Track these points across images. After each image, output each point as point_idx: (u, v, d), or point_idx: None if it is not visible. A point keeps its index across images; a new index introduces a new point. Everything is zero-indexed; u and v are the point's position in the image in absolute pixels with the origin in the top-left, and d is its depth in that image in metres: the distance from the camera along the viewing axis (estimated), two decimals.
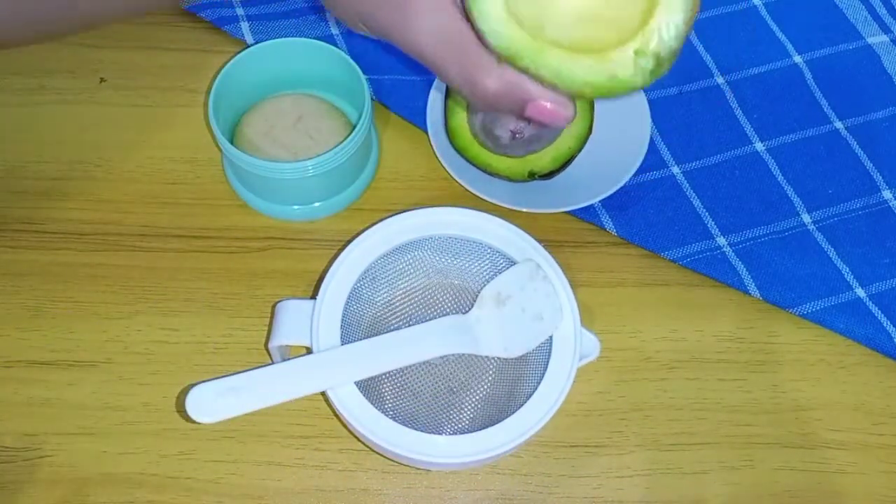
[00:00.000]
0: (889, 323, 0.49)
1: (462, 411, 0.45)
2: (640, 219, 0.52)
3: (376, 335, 0.41)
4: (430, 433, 0.39)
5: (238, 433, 0.45)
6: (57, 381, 0.46)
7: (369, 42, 0.56)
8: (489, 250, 0.45)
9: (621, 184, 0.50)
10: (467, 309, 0.43)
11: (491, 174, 0.51)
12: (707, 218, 0.52)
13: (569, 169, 0.50)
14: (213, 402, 0.37)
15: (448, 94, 0.50)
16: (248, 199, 0.51)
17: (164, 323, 0.48)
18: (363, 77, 0.49)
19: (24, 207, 0.51)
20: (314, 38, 0.52)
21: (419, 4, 0.33)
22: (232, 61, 0.50)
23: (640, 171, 0.52)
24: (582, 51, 0.33)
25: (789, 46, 0.59)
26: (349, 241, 0.43)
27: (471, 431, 0.39)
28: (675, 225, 0.52)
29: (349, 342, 0.41)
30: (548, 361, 0.41)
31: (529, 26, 0.33)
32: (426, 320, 0.44)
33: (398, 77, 0.56)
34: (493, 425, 0.39)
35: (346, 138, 0.48)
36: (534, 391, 0.40)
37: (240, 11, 0.58)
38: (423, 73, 0.55)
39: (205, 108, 0.55)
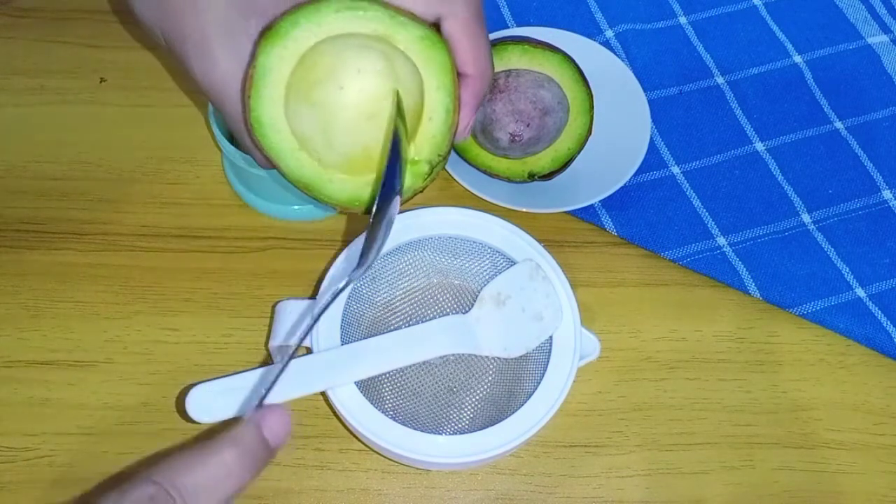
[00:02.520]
0: (889, 323, 0.49)
1: (462, 411, 0.45)
2: (640, 219, 0.52)
3: (376, 335, 0.41)
4: (430, 433, 0.39)
5: None
6: (57, 381, 0.46)
7: None
8: (489, 250, 0.45)
9: (621, 184, 0.50)
10: (467, 309, 0.43)
11: (491, 175, 0.51)
12: (707, 218, 0.52)
13: (569, 169, 0.50)
14: (213, 403, 0.37)
15: None
16: (248, 199, 0.51)
17: (163, 323, 0.48)
18: None
19: (24, 207, 0.51)
20: None
21: (218, 53, 0.34)
22: None
23: (640, 171, 0.52)
24: (367, 163, 0.36)
25: (789, 46, 0.59)
26: (349, 242, 0.43)
27: (471, 431, 0.39)
28: (675, 225, 0.52)
29: (349, 342, 0.41)
30: (548, 361, 0.41)
31: (316, 147, 0.35)
32: (426, 320, 0.44)
33: None
34: (493, 425, 0.39)
35: None
36: (534, 391, 0.40)
37: None
38: None
39: (205, 108, 0.55)
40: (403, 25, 0.34)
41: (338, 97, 0.35)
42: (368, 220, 0.35)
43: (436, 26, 0.36)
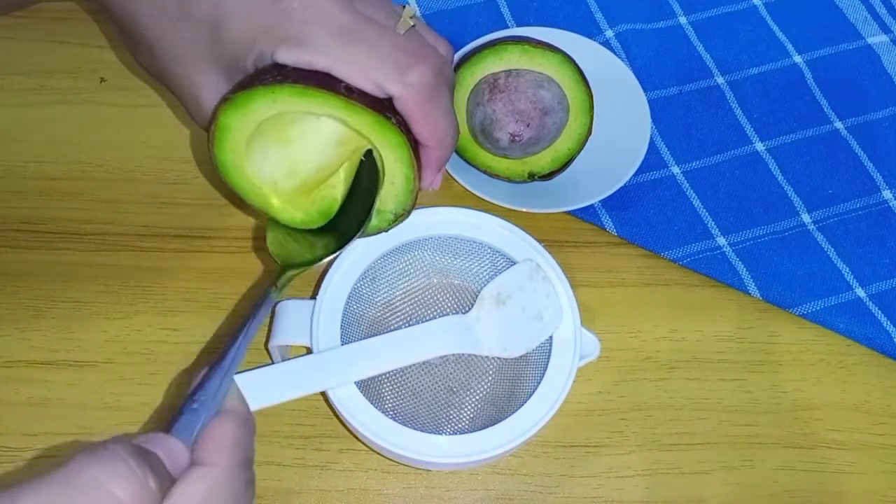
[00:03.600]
0: (889, 323, 0.49)
1: (462, 411, 0.45)
2: (640, 219, 0.52)
3: (376, 335, 0.41)
4: (430, 433, 0.39)
5: None
6: (57, 381, 0.46)
7: None
8: (489, 250, 0.45)
9: (621, 184, 0.50)
10: (467, 309, 0.43)
11: (491, 175, 0.51)
12: (707, 218, 0.52)
13: (569, 169, 0.50)
14: None
15: None
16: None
17: (164, 323, 0.48)
18: None
19: (24, 207, 0.51)
20: None
21: (206, 94, 0.38)
22: None
23: (640, 171, 0.52)
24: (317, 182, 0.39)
25: (789, 46, 0.59)
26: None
27: (471, 431, 0.39)
28: (675, 225, 0.52)
29: (349, 342, 0.41)
30: (548, 361, 0.41)
31: (276, 179, 0.39)
32: (426, 320, 0.44)
33: None
34: (493, 425, 0.39)
35: None
36: (534, 391, 0.40)
37: None
38: None
39: None
40: (357, 113, 0.36)
41: (315, 125, 0.37)
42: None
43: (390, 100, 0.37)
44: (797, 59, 0.59)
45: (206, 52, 0.37)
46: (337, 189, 0.40)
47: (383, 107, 0.36)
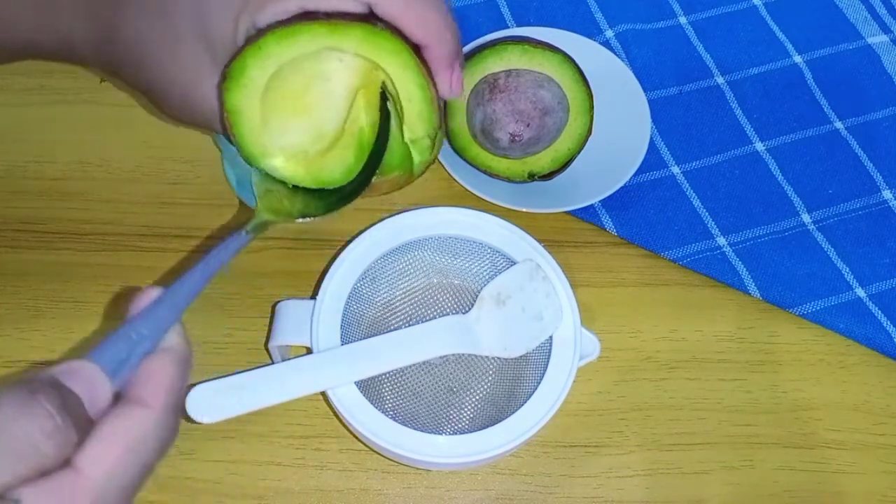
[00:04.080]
0: (889, 323, 0.49)
1: (462, 411, 0.45)
2: (640, 219, 0.52)
3: (376, 335, 0.41)
4: (430, 433, 0.39)
5: (238, 433, 0.45)
6: None
7: None
8: (489, 250, 0.45)
9: (621, 184, 0.50)
10: (467, 309, 0.43)
11: (491, 175, 0.51)
12: (707, 218, 0.52)
13: (569, 169, 0.50)
14: (213, 402, 0.37)
15: None
16: (248, 200, 0.51)
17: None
18: None
19: (24, 207, 0.51)
20: None
21: (206, 90, 0.37)
22: None
23: (640, 171, 0.52)
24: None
25: (789, 46, 0.59)
26: (349, 241, 0.43)
27: (471, 431, 0.39)
28: (675, 225, 0.52)
29: (349, 342, 0.41)
30: (548, 361, 0.41)
31: (304, 146, 0.38)
32: (426, 320, 0.44)
33: None
34: (493, 425, 0.39)
35: None
36: (534, 391, 0.40)
37: None
38: None
39: None
40: (343, 32, 0.35)
41: (326, 86, 0.37)
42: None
43: (373, 16, 0.36)
44: (797, 59, 0.59)
45: (207, 65, 0.37)
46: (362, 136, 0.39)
47: (368, 19, 0.36)
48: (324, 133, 0.38)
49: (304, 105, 0.37)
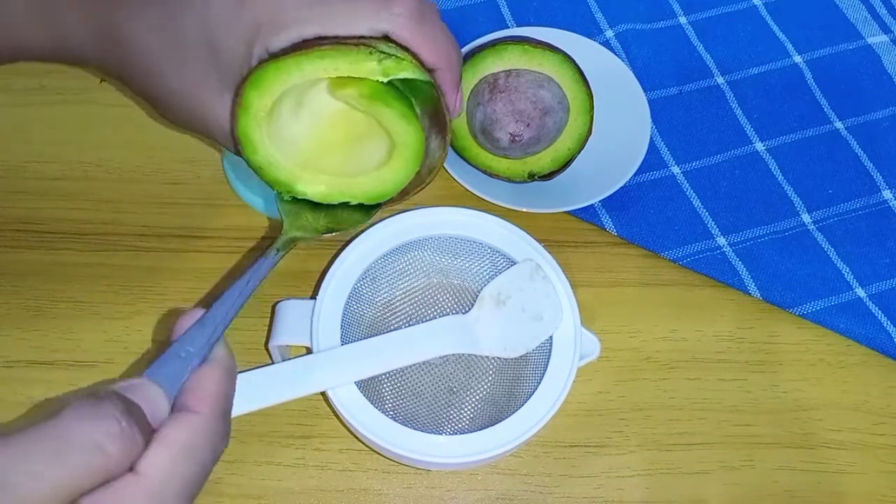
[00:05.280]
0: (889, 323, 0.49)
1: (462, 411, 0.45)
2: (640, 219, 0.52)
3: (376, 335, 0.41)
4: (430, 433, 0.39)
5: (238, 433, 0.45)
6: (57, 381, 0.46)
7: None
8: (489, 250, 0.45)
9: (621, 184, 0.50)
10: (467, 309, 0.43)
11: (491, 175, 0.51)
12: (707, 218, 0.52)
13: (569, 169, 0.50)
14: None
15: None
16: (248, 199, 0.51)
17: (164, 323, 0.48)
18: None
19: (24, 207, 0.51)
20: None
21: (216, 107, 0.38)
22: None
23: (640, 171, 0.52)
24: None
25: (789, 46, 0.59)
26: (349, 241, 0.43)
27: (471, 431, 0.39)
28: (675, 225, 0.52)
29: (349, 342, 0.41)
30: (548, 361, 0.41)
31: (313, 157, 0.39)
32: (426, 320, 0.44)
33: None
34: (493, 425, 0.39)
35: None
36: (534, 391, 0.40)
37: None
38: None
39: None
40: (359, 60, 0.36)
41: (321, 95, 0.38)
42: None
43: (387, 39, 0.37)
44: (797, 59, 0.59)
45: (215, 81, 0.37)
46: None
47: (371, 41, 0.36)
48: (328, 144, 0.39)
49: (323, 125, 0.38)
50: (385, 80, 0.36)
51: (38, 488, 0.24)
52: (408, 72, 0.36)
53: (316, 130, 0.39)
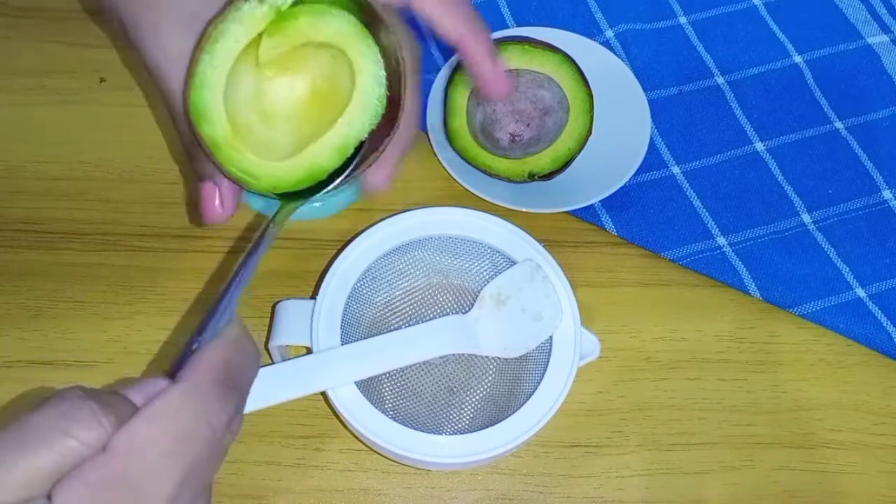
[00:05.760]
0: (889, 323, 0.49)
1: (462, 411, 0.45)
2: (640, 219, 0.52)
3: (376, 335, 0.41)
4: (430, 433, 0.39)
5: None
6: (57, 381, 0.46)
7: None
8: (489, 250, 0.45)
9: (621, 184, 0.50)
10: (467, 309, 0.43)
11: (491, 175, 0.51)
12: (707, 218, 0.52)
13: (569, 169, 0.50)
14: None
15: (447, 96, 0.50)
16: (248, 199, 0.51)
17: (163, 323, 0.48)
18: None
19: (24, 207, 0.51)
20: None
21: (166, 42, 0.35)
22: None
23: (640, 171, 0.52)
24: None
25: (789, 46, 0.59)
26: (349, 241, 0.43)
27: (471, 431, 0.39)
28: (675, 225, 0.52)
29: (349, 342, 0.41)
30: (548, 361, 0.41)
31: (253, 128, 0.35)
32: (426, 320, 0.44)
33: None
34: (493, 425, 0.39)
35: None
36: (534, 391, 0.40)
37: None
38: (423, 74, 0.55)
39: None
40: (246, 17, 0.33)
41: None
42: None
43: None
44: (797, 59, 0.59)
45: (174, 18, 0.35)
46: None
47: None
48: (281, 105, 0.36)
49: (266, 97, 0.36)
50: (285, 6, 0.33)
51: (9, 479, 0.24)
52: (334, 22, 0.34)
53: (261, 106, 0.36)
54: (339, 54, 0.35)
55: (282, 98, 0.36)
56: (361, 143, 0.36)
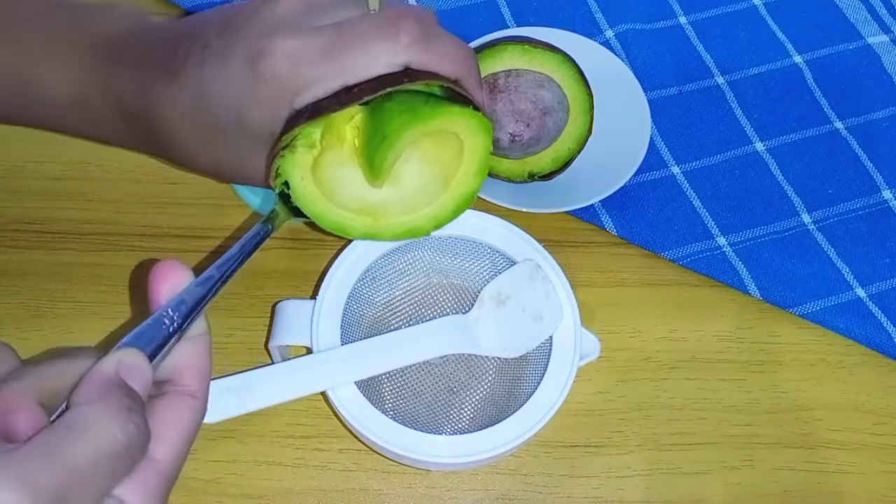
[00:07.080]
0: (889, 323, 0.49)
1: (462, 411, 0.45)
2: (640, 219, 0.52)
3: (376, 335, 0.41)
4: (430, 433, 0.39)
5: (238, 433, 0.45)
6: None
7: None
8: (489, 250, 0.45)
9: (621, 184, 0.50)
10: (467, 309, 0.43)
11: (491, 175, 0.51)
12: (707, 218, 0.52)
13: (569, 169, 0.50)
14: (213, 402, 0.37)
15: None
16: (248, 199, 0.51)
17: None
18: None
19: (24, 207, 0.51)
20: None
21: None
22: None
23: (640, 171, 0.52)
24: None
25: (789, 46, 0.59)
26: (349, 241, 0.43)
27: (471, 431, 0.39)
28: (675, 225, 0.52)
29: (349, 342, 0.41)
30: (548, 361, 0.41)
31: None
32: (426, 320, 0.44)
33: None
34: (493, 425, 0.39)
35: None
36: (534, 391, 0.40)
37: None
38: None
39: None
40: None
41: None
42: None
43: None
44: (797, 59, 0.59)
45: (248, 149, 0.39)
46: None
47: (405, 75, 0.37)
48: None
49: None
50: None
51: (89, 498, 0.25)
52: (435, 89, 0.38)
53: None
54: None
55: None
56: None
